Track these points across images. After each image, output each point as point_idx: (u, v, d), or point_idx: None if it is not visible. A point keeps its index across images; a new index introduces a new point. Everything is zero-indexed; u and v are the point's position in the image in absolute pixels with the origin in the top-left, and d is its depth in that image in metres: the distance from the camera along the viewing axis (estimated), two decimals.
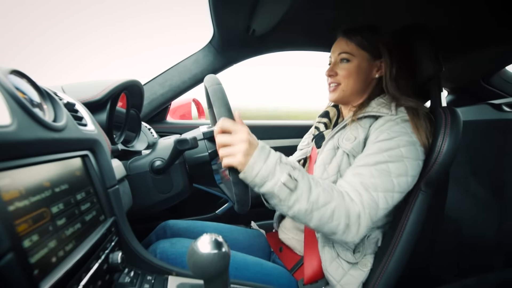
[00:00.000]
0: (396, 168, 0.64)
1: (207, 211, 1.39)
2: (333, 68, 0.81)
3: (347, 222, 0.60)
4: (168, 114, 1.45)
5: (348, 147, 0.72)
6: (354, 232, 0.61)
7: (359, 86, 0.79)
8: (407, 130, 0.68)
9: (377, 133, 0.69)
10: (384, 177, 0.64)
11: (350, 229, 0.61)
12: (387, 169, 0.64)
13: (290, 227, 0.88)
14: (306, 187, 0.58)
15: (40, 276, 0.31)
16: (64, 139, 0.43)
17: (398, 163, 0.65)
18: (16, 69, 0.41)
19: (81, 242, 0.41)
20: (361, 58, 0.78)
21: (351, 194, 0.63)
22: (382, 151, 0.66)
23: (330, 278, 0.73)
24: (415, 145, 0.67)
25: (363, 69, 0.78)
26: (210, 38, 1.19)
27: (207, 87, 0.62)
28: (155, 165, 0.80)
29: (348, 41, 0.79)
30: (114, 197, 0.55)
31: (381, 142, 0.68)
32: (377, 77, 0.80)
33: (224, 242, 0.41)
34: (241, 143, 0.57)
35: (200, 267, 0.39)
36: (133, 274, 0.52)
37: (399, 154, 0.65)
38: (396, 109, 0.72)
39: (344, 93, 0.80)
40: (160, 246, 0.71)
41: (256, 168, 0.57)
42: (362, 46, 0.78)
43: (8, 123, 0.31)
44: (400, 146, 0.66)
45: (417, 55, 0.81)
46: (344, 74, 0.79)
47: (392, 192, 0.64)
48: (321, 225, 0.60)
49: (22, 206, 0.31)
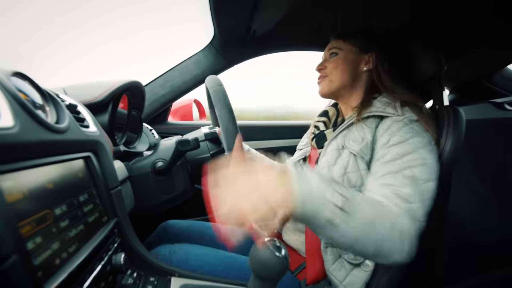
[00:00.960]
0: (421, 173, 0.60)
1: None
2: (322, 63, 0.84)
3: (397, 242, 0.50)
4: (169, 115, 1.45)
5: (356, 149, 0.71)
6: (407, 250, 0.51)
7: (346, 78, 0.80)
8: (418, 129, 0.67)
9: (388, 136, 0.67)
10: (415, 185, 0.58)
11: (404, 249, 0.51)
12: (413, 175, 0.60)
13: (293, 229, 0.88)
14: (357, 200, 0.48)
15: (43, 277, 0.31)
16: (67, 141, 0.43)
17: (422, 167, 0.61)
18: (19, 71, 0.41)
19: (84, 243, 0.41)
20: (348, 50, 0.81)
21: (394, 209, 0.54)
22: (401, 156, 0.63)
23: (332, 279, 0.72)
24: (431, 144, 0.65)
25: (349, 60, 0.80)
26: (210, 38, 1.19)
27: (208, 88, 0.62)
28: (157, 166, 0.80)
29: (337, 40, 0.83)
30: (116, 198, 0.55)
31: (396, 146, 0.65)
32: (365, 70, 0.81)
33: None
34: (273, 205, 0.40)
35: (267, 266, 0.39)
36: (136, 275, 0.52)
37: (420, 157, 0.62)
38: (401, 109, 0.71)
39: (331, 84, 0.81)
40: (161, 253, 0.71)
41: (308, 203, 0.43)
42: (350, 42, 0.81)
43: (11, 125, 0.31)
44: (419, 148, 0.63)
45: (417, 54, 0.81)
46: (332, 65, 0.81)
47: (428, 200, 0.59)
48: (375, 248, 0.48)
49: (25, 208, 0.31)
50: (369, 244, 0.48)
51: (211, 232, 0.91)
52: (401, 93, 0.74)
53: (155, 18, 2.98)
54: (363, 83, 0.82)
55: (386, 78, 0.78)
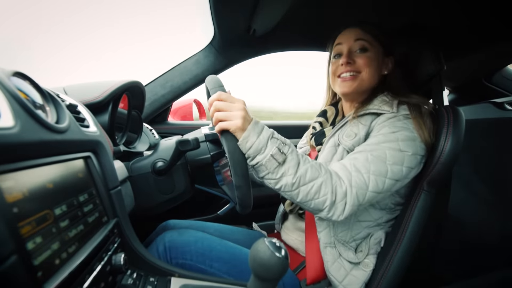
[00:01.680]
0: (392, 157, 0.64)
1: (208, 211, 1.39)
2: (350, 56, 0.76)
3: (333, 199, 0.61)
4: (169, 115, 1.45)
5: (348, 144, 0.72)
6: (340, 210, 0.62)
7: (375, 79, 0.77)
8: (409, 126, 0.68)
9: (379, 128, 0.70)
10: (378, 162, 0.64)
11: (336, 207, 0.62)
12: (383, 155, 0.64)
13: (292, 228, 0.88)
14: (294, 161, 0.60)
15: (43, 278, 0.31)
16: (67, 141, 0.43)
17: (395, 152, 0.65)
18: (19, 71, 0.41)
19: (84, 243, 0.41)
20: (376, 50, 0.76)
21: (340, 173, 0.64)
22: (380, 142, 0.66)
23: (332, 279, 0.73)
24: (415, 141, 0.67)
25: (379, 62, 0.77)
26: (210, 38, 1.19)
27: (209, 89, 0.62)
28: (157, 166, 0.80)
29: (364, 32, 0.76)
30: (116, 198, 0.55)
31: (381, 135, 0.68)
32: (385, 73, 0.79)
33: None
34: (239, 110, 0.59)
35: (267, 267, 0.39)
36: (136, 276, 0.52)
37: (397, 147, 0.65)
38: (398, 107, 0.72)
39: (362, 84, 0.76)
40: (168, 235, 0.72)
41: (251, 140, 0.58)
42: (378, 39, 0.76)
43: (11, 125, 0.31)
44: (399, 140, 0.66)
45: (418, 55, 0.81)
46: (365, 62, 0.75)
47: (384, 177, 0.63)
48: (307, 200, 0.61)
49: (25, 208, 0.31)
50: (301, 196, 0.61)
51: (211, 231, 0.91)
52: (409, 98, 0.73)
53: (155, 18, 2.99)
54: (378, 85, 0.80)
55: (398, 86, 0.76)
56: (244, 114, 0.59)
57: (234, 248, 0.75)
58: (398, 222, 0.74)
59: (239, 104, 0.60)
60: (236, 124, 0.58)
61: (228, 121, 0.59)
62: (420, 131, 0.67)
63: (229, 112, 0.59)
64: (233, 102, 0.60)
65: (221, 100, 0.60)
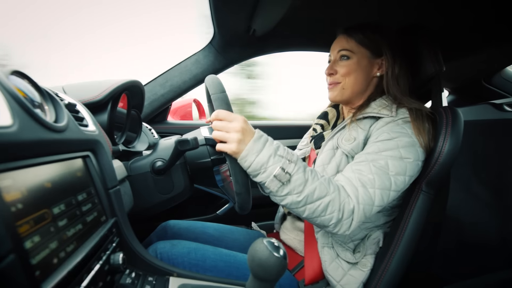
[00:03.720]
0: (395, 167, 0.65)
1: (208, 211, 1.39)
2: (332, 66, 0.79)
3: (339, 217, 0.61)
4: (168, 114, 1.45)
5: (347, 148, 0.72)
6: (346, 227, 0.62)
7: (359, 85, 0.78)
8: (408, 131, 0.68)
9: (378, 133, 0.69)
10: (382, 174, 0.64)
11: (342, 224, 0.62)
12: (385, 166, 0.64)
13: (291, 228, 0.88)
14: (300, 180, 0.59)
15: (41, 277, 0.31)
16: (65, 140, 0.43)
17: (397, 161, 0.65)
18: (17, 69, 0.41)
19: (82, 243, 0.41)
20: (361, 55, 0.76)
21: (348, 189, 0.63)
22: (381, 150, 0.66)
23: (330, 279, 0.73)
24: (415, 146, 0.67)
25: (363, 67, 0.77)
26: (210, 38, 1.19)
27: (210, 95, 0.62)
28: (156, 166, 0.80)
29: (348, 38, 0.77)
30: (115, 198, 0.55)
31: (381, 142, 0.68)
32: (378, 75, 0.78)
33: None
34: (235, 132, 0.58)
35: (266, 266, 0.39)
36: (134, 275, 0.52)
37: (398, 155, 0.65)
38: (397, 110, 0.72)
39: (344, 92, 0.78)
40: (160, 246, 0.71)
41: (249, 160, 0.58)
42: (363, 43, 0.76)
43: (9, 123, 0.31)
44: (400, 147, 0.66)
45: (417, 55, 0.81)
46: (343, 71, 0.77)
47: (388, 190, 0.64)
48: (313, 217, 0.61)
49: (23, 207, 0.31)
50: (307, 214, 0.61)
51: (210, 232, 0.91)
52: (409, 103, 0.73)
53: (155, 18, 3.00)
54: (373, 87, 0.80)
55: (396, 87, 0.75)
56: (239, 137, 0.58)
57: (228, 256, 0.74)
58: (397, 222, 0.74)
59: (237, 124, 0.58)
60: (231, 148, 0.58)
61: (225, 143, 0.59)
62: (419, 136, 0.68)
63: (226, 134, 0.59)
64: (231, 121, 0.59)
65: (220, 120, 0.59)
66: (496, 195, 1.13)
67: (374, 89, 0.80)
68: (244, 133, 0.58)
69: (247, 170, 0.59)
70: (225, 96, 0.61)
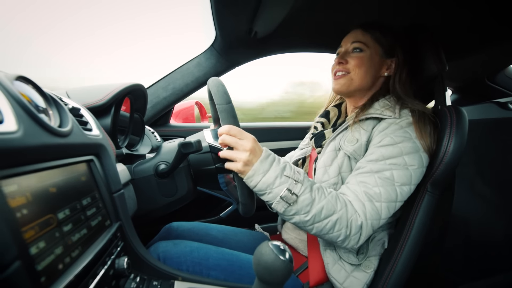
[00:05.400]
0: (400, 177, 0.65)
1: (211, 213, 1.39)
2: (343, 55, 0.78)
3: (347, 233, 0.62)
4: (171, 117, 1.45)
5: (349, 150, 0.71)
6: (354, 242, 0.63)
7: (367, 80, 0.78)
8: (411, 135, 0.67)
9: (381, 137, 0.69)
10: (388, 186, 0.64)
11: (350, 239, 0.62)
12: (391, 177, 0.65)
13: (292, 227, 0.88)
14: (307, 201, 0.59)
15: (47, 283, 0.31)
16: (70, 144, 0.43)
17: (402, 171, 0.65)
18: (22, 75, 0.41)
19: (87, 248, 0.41)
20: (374, 51, 0.77)
21: (355, 204, 0.63)
22: (385, 158, 0.66)
23: (333, 281, 0.72)
24: (419, 152, 0.67)
25: (374, 63, 0.77)
26: (212, 40, 1.19)
27: (217, 106, 0.62)
28: (159, 169, 0.80)
29: (364, 33, 0.78)
30: (119, 201, 0.55)
31: (384, 147, 0.67)
32: (385, 75, 0.79)
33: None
34: (244, 152, 0.58)
35: (271, 270, 0.39)
36: (139, 280, 0.51)
37: (402, 163, 0.65)
38: (400, 111, 0.71)
39: (351, 83, 0.78)
40: (162, 246, 0.71)
41: (255, 180, 0.58)
42: (378, 41, 0.77)
43: (14, 129, 0.31)
44: (404, 153, 0.66)
45: (420, 55, 0.81)
46: (355, 62, 0.76)
47: (394, 202, 0.65)
48: (321, 234, 0.62)
49: (28, 213, 0.31)
50: (315, 231, 0.62)
51: (214, 233, 0.90)
52: (412, 104, 0.72)
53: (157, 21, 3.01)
54: (378, 86, 0.81)
55: (402, 89, 0.75)
56: (247, 157, 0.58)
57: (231, 255, 0.74)
58: (402, 224, 0.73)
59: (247, 143, 0.59)
60: (237, 168, 0.59)
61: (232, 162, 0.60)
62: (422, 140, 0.67)
63: (234, 153, 0.59)
64: (242, 138, 0.59)
65: (231, 135, 0.60)
66: (501, 195, 1.12)
67: (379, 89, 0.80)
68: (252, 153, 0.59)
69: (253, 189, 0.60)
70: (231, 108, 0.62)
